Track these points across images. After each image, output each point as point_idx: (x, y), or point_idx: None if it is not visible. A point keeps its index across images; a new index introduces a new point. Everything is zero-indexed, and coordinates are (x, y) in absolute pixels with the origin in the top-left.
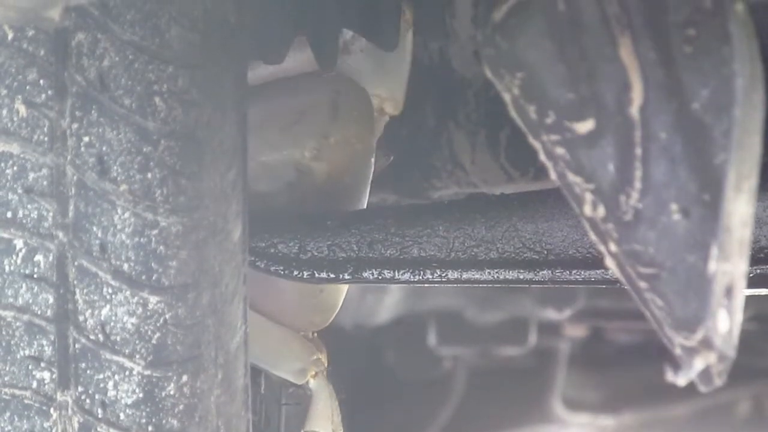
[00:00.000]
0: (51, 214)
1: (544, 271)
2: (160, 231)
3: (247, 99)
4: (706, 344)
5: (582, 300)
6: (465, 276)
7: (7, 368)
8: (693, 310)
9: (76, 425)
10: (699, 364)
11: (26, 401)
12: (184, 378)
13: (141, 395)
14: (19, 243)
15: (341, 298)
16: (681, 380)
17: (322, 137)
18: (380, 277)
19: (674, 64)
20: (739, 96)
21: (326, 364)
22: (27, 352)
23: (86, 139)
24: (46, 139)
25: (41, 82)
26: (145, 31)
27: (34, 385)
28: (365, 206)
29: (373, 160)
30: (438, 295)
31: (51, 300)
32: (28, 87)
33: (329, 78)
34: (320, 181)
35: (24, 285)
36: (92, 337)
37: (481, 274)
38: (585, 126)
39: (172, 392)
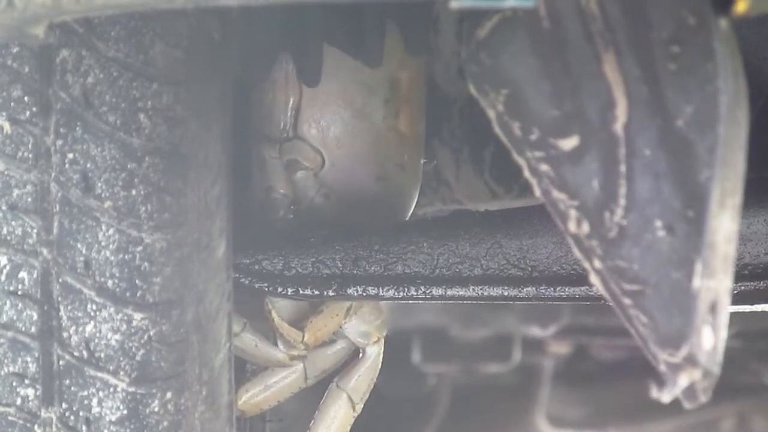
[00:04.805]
0: (35, 230)
1: (529, 288)
2: (145, 248)
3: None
4: (691, 361)
5: (566, 317)
6: (449, 293)
7: None
8: (677, 326)
9: None
10: (684, 380)
11: (10, 418)
12: (168, 395)
13: (125, 412)
14: (3, 260)
15: None
16: (666, 397)
17: (402, 49)
18: (365, 294)
19: (658, 80)
20: (724, 113)
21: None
22: (11, 369)
23: (70, 155)
24: (30, 155)
25: (25, 98)
26: (130, 48)
27: (18, 401)
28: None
29: None
30: (422, 312)
31: (35, 317)
32: (12, 104)
33: None
34: (405, 93)
35: (8, 302)
36: (76, 353)
37: (465, 291)
38: (569, 143)
39: (156, 409)
